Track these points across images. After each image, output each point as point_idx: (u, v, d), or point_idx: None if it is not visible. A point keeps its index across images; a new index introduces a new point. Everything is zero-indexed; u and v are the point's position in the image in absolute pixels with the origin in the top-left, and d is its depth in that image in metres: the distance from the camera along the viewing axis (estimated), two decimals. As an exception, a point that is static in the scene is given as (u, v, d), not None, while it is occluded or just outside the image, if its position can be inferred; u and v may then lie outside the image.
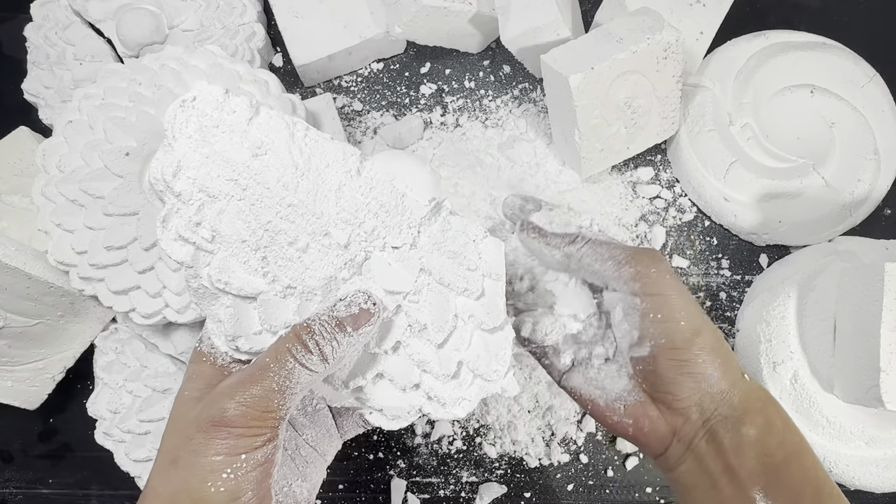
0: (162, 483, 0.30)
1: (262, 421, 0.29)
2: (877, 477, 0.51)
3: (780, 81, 0.59)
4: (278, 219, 0.29)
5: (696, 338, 0.37)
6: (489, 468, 0.57)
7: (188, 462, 0.29)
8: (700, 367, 0.36)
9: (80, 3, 0.59)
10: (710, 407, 0.36)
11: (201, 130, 0.28)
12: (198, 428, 0.30)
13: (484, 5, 0.58)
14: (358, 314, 0.31)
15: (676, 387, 0.37)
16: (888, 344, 0.45)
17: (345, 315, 0.30)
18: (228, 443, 0.29)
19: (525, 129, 0.63)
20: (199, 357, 0.33)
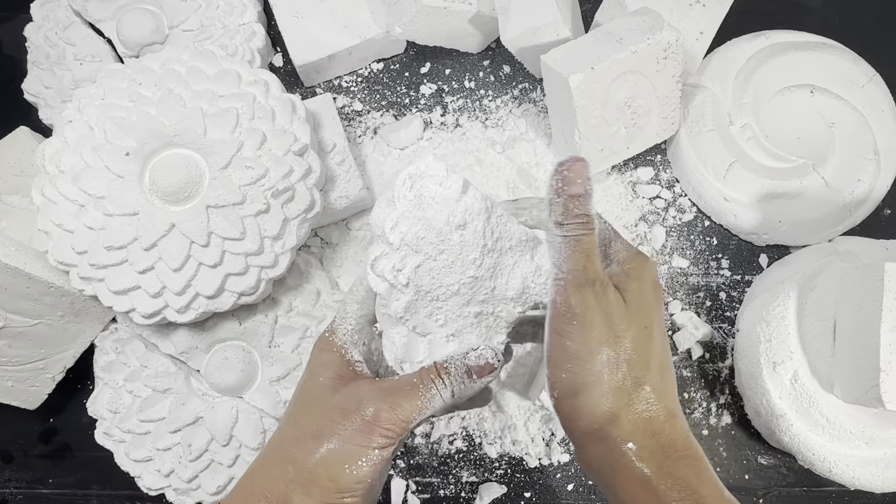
0: (301, 452, 0.35)
1: (400, 428, 0.35)
2: (877, 477, 0.51)
3: (780, 81, 0.59)
4: (460, 284, 0.36)
5: (571, 397, 0.34)
6: (489, 468, 0.57)
7: (333, 442, 0.34)
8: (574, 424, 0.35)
9: (80, 3, 0.59)
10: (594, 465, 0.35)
11: (420, 198, 0.35)
12: (345, 416, 0.35)
13: (484, 5, 0.58)
14: (483, 366, 0.36)
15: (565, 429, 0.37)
16: (888, 344, 0.45)
17: (474, 365, 0.36)
18: (371, 438, 0.34)
19: (525, 129, 0.63)
20: (329, 346, 0.38)
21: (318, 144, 0.55)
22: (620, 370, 0.34)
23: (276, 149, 0.48)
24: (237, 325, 0.52)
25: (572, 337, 0.34)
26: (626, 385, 0.34)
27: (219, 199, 0.47)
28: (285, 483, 0.34)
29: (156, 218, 0.46)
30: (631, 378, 0.34)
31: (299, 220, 0.49)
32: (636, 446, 0.33)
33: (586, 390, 0.34)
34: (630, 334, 0.35)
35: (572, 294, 0.35)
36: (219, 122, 0.48)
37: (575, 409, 0.34)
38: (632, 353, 0.34)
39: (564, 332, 0.35)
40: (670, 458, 0.33)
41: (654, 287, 0.37)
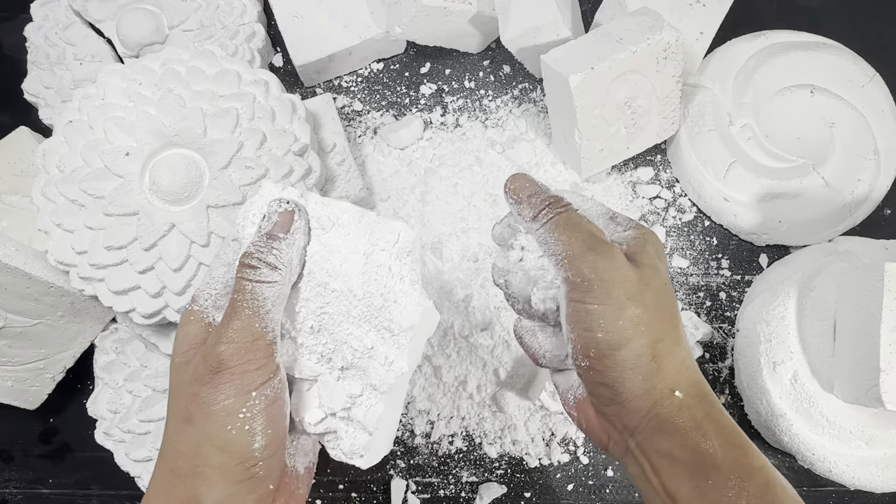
0: (182, 441, 0.31)
1: (255, 350, 0.31)
2: (877, 477, 0.51)
3: (780, 81, 0.59)
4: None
5: (611, 352, 0.34)
6: (489, 468, 0.57)
7: (202, 414, 0.31)
8: (614, 382, 0.34)
9: (80, 3, 0.59)
10: (632, 423, 0.35)
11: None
12: (201, 382, 0.31)
13: (484, 5, 0.58)
14: (281, 220, 0.34)
15: (595, 393, 0.36)
16: (888, 344, 0.45)
17: (270, 227, 0.33)
18: (234, 383, 0.31)
19: (525, 129, 0.63)
20: (188, 318, 0.34)
21: (318, 144, 0.55)
22: (656, 321, 0.34)
23: (276, 149, 0.48)
24: (237, 325, 0.52)
25: (596, 299, 0.34)
26: (665, 336, 0.34)
27: (219, 199, 0.47)
28: (183, 484, 0.31)
29: (156, 218, 0.46)
30: (668, 329, 0.35)
31: (299, 220, 0.49)
32: (682, 394, 0.34)
33: (629, 343, 0.34)
34: (652, 290, 0.35)
35: (580, 264, 0.35)
36: (219, 122, 0.48)
37: (619, 362, 0.34)
38: (659, 305, 0.35)
39: (587, 298, 0.34)
40: (714, 405, 0.34)
41: (662, 254, 0.37)
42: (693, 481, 0.33)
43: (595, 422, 0.37)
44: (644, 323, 0.34)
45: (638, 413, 0.34)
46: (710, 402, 0.35)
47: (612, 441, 0.37)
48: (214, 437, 0.31)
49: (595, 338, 0.34)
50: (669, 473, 0.34)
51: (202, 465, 0.31)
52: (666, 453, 0.34)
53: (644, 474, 0.35)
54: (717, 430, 0.33)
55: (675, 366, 0.35)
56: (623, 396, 0.34)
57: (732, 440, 0.33)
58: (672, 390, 0.34)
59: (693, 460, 0.33)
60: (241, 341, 0.31)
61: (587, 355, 0.35)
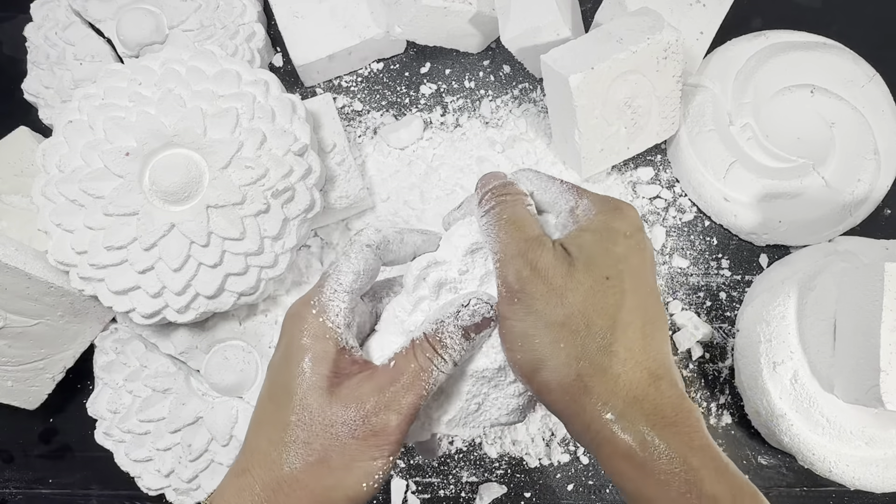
0: (313, 479, 0.31)
1: (408, 425, 0.32)
2: (877, 477, 0.51)
3: (780, 81, 0.59)
4: None
5: (533, 374, 0.32)
6: (489, 468, 0.57)
7: (345, 465, 0.31)
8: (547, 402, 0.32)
9: (80, 3, 0.59)
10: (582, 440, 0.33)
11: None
12: (354, 435, 0.31)
13: (484, 5, 0.58)
14: (480, 322, 0.33)
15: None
16: (888, 344, 0.45)
17: (469, 324, 0.33)
18: (387, 448, 0.32)
19: (525, 129, 0.63)
20: (321, 332, 0.32)
21: (318, 144, 0.55)
22: (579, 334, 0.31)
23: (276, 149, 0.48)
24: (237, 325, 0.52)
25: (517, 315, 0.32)
26: (590, 348, 0.31)
27: (219, 199, 0.47)
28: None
29: (156, 218, 0.46)
30: (595, 339, 0.31)
31: (299, 220, 0.49)
32: (615, 416, 0.30)
33: (546, 363, 0.31)
34: (580, 292, 0.31)
35: (507, 270, 0.32)
36: (219, 122, 0.48)
37: (543, 384, 0.31)
38: (588, 311, 0.31)
39: (509, 312, 0.32)
40: (656, 427, 0.30)
41: (626, 237, 0.33)
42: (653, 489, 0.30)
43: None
44: (564, 338, 0.31)
45: (580, 433, 0.32)
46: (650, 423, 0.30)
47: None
48: (349, 488, 0.31)
49: (515, 358, 0.32)
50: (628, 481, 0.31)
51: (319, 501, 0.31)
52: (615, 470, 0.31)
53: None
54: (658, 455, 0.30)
55: (608, 383, 0.30)
56: (562, 416, 0.32)
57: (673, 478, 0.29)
58: (603, 410, 0.30)
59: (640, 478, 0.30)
60: (407, 417, 0.32)
61: (517, 373, 0.33)
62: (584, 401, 0.31)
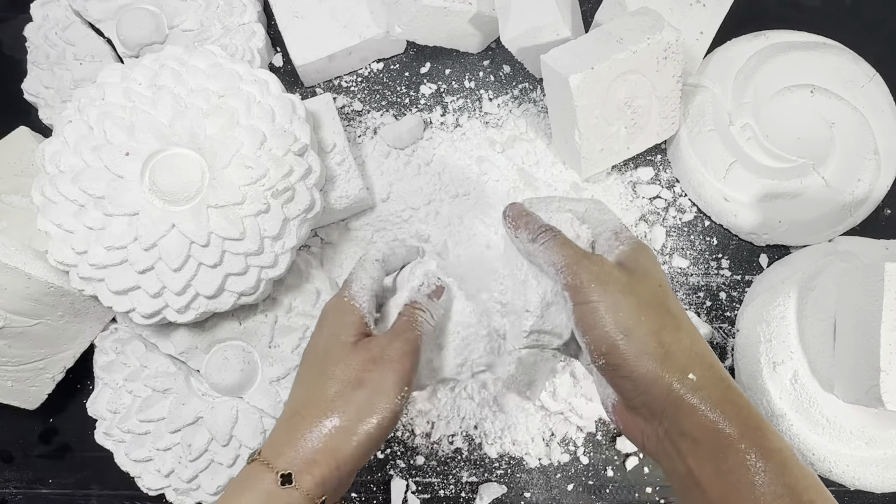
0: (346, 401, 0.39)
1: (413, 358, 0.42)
2: (877, 477, 0.51)
3: (780, 81, 0.59)
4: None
5: (620, 342, 0.36)
6: (489, 468, 0.57)
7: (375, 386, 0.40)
8: (630, 371, 0.36)
9: (80, 3, 0.59)
10: (657, 408, 0.36)
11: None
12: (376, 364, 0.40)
13: (484, 5, 0.58)
14: (436, 289, 0.46)
15: (621, 390, 0.38)
16: (888, 344, 0.45)
17: (428, 291, 0.45)
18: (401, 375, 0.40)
19: (525, 129, 0.63)
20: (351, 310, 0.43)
21: (318, 144, 0.55)
22: (654, 313, 0.37)
23: (276, 149, 0.48)
24: (237, 325, 0.52)
25: (596, 297, 0.37)
26: (668, 324, 0.37)
27: (219, 199, 0.47)
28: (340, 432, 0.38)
29: (156, 218, 0.46)
30: (667, 319, 0.37)
31: (299, 220, 0.49)
32: (696, 376, 0.35)
33: (631, 333, 0.36)
34: (647, 289, 0.38)
35: (577, 268, 0.38)
36: (218, 122, 0.48)
37: (627, 353, 0.36)
38: (656, 301, 0.38)
39: (587, 297, 0.38)
40: (731, 388, 0.36)
41: (655, 263, 0.40)
42: (713, 462, 0.34)
43: (630, 421, 0.39)
44: (643, 313, 0.37)
45: (659, 398, 0.36)
46: (725, 384, 0.36)
47: (645, 437, 0.38)
48: (375, 406, 0.39)
49: (603, 332, 0.37)
50: (693, 456, 0.35)
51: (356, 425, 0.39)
52: (688, 435, 0.35)
53: (673, 465, 0.36)
54: (735, 411, 0.35)
55: (684, 350, 0.36)
56: (643, 384, 0.36)
57: (750, 422, 0.34)
58: (685, 373, 0.35)
59: (712, 441, 0.34)
60: (409, 348, 0.41)
61: (601, 353, 0.37)
62: (666, 365, 0.36)
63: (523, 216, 0.43)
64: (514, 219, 0.43)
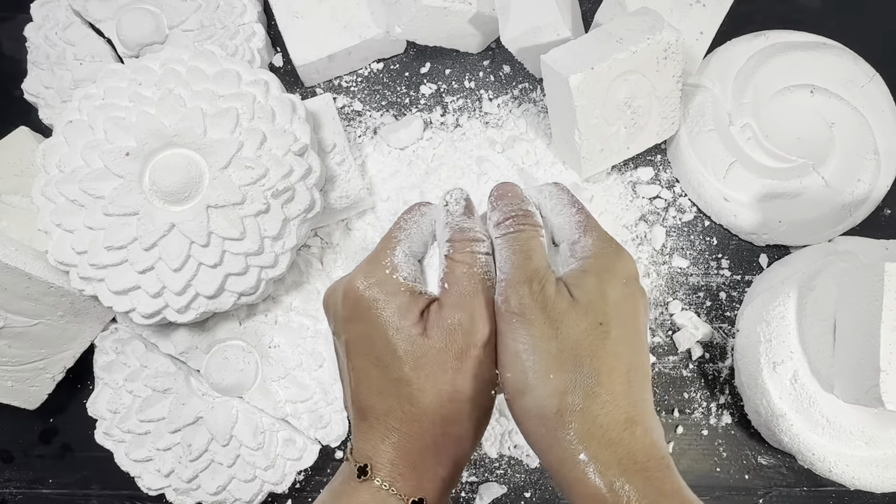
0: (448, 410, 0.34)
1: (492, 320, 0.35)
2: (877, 477, 0.51)
3: (780, 81, 0.59)
4: None
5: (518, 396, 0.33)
6: (489, 468, 0.57)
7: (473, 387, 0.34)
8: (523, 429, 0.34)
9: (80, 3, 0.59)
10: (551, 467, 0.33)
11: None
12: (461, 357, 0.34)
13: (484, 5, 0.58)
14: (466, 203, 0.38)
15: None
16: (888, 344, 0.45)
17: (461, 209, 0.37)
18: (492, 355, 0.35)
19: (525, 129, 0.63)
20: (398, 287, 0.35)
21: (318, 144, 0.55)
22: (568, 370, 0.32)
23: (276, 149, 0.48)
24: (237, 325, 0.52)
25: (514, 335, 0.33)
26: (576, 386, 0.32)
27: (219, 199, 0.47)
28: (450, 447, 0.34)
29: (156, 218, 0.46)
30: (582, 379, 0.32)
31: (299, 220, 0.49)
32: (588, 457, 0.31)
33: (532, 390, 0.32)
34: (576, 332, 0.32)
35: (511, 293, 0.34)
36: (219, 122, 0.48)
37: (524, 410, 0.33)
38: (579, 351, 0.32)
39: (506, 330, 0.34)
40: (628, 472, 0.31)
41: (623, 285, 0.34)
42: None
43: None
44: (554, 370, 0.32)
45: (551, 466, 0.33)
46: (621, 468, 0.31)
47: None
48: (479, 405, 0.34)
49: (505, 377, 0.34)
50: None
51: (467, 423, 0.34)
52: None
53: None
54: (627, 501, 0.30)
55: (586, 423, 0.31)
56: (535, 448, 0.33)
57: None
58: (577, 451, 0.31)
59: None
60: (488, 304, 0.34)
61: (504, 392, 0.34)
62: (560, 435, 0.32)
63: (507, 193, 0.37)
64: (498, 196, 0.37)
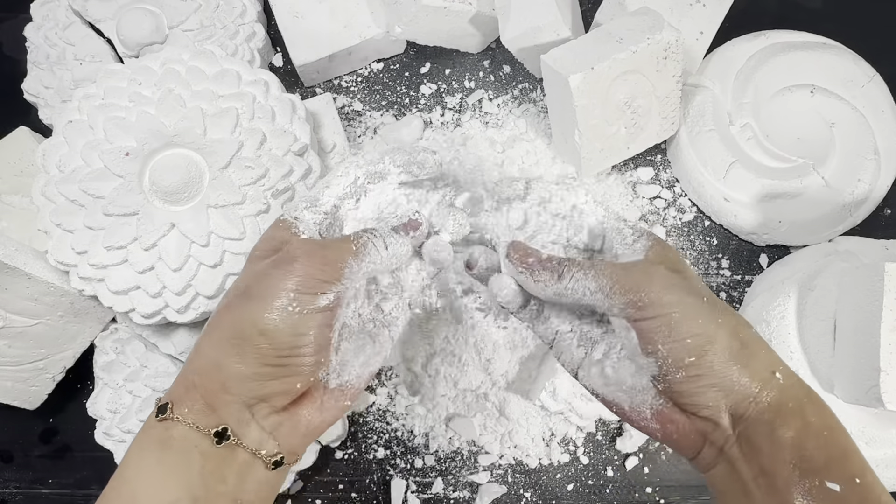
0: (229, 313, 0.35)
1: (334, 268, 0.36)
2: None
3: (780, 81, 0.59)
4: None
5: (707, 348, 0.34)
6: (489, 468, 0.57)
7: (258, 292, 0.34)
8: (718, 377, 0.34)
9: (80, 3, 0.59)
10: (740, 411, 0.34)
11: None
12: (274, 265, 0.35)
13: (484, 5, 0.58)
14: (408, 223, 0.41)
15: (699, 398, 0.35)
16: (888, 344, 0.45)
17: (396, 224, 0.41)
18: (298, 279, 0.34)
19: (525, 129, 0.63)
20: (279, 224, 0.38)
21: (318, 144, 0.55)
22: (723, 310, 0.35)
23: (276, 149, 0.48)
24: (237, 325, 0.52)
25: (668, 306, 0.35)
26: (739, 325, 0.35)
27: (219, 199, 0.47)
28: (216, 350, 0.34)
29: (156, 218, 0.46)
30: (731, 314, 0.36)
31: (299, 220, 0.49)
32: (783, 375, 0.34)
33: (715, 338, 0.34)
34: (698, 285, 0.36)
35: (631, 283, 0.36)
36: (219, 122, 0.48)
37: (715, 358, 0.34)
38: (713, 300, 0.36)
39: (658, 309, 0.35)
40: (811, 390, 0.35)
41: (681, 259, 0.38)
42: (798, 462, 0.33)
43: (688, 428, 0.36)
44: (718, 315, 0.35)
45: (746, 400, 0.34)
46: (805, 386, 0.35)
47: (707, 443, 0.36)
48: (256, 319, 0.34)
49: (685, 344, 0.34)
50: (772, 456, 0.33)
51: (239, 338, 0.34)
52: (771, 435, 0.34)
53: (735, 470, 0.35)
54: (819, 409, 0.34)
55: (764, 348, 0.35)
56: (731, 388, 0.34)
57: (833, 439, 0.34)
58: (772, 372, 0.35)
59: (798, 440, 0.33)
60: (331, 256, 0.36)
61: (681, 366, 0.35)
62: (753, 366, 0.34)
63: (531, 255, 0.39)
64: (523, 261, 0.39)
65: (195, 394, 0.34)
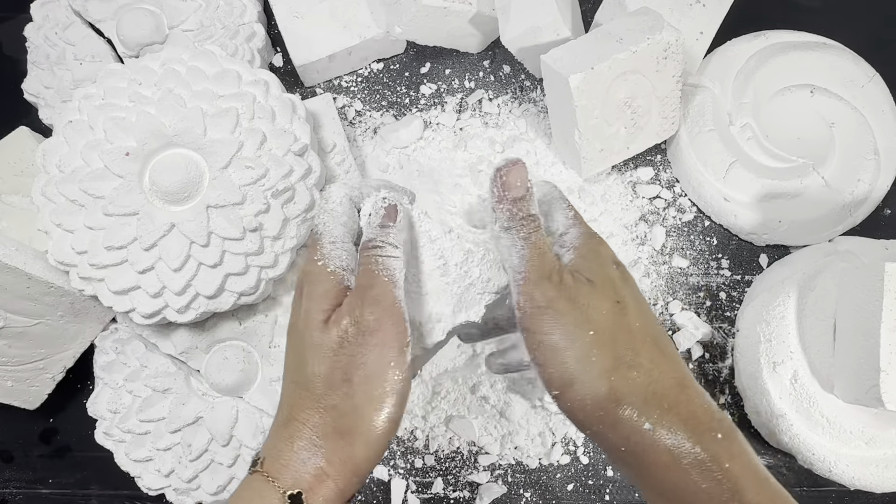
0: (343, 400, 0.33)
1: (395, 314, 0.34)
2: (877, 477, 0.51)
3: (780, 81, 0.59)
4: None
5: (566, 388, 0.33)
6: (489, 468, 0.57)
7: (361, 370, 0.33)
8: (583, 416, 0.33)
9: (80, 3, 0.59)
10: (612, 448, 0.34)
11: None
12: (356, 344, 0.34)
13: (484, 5, 0.58)
14: (387, 212, 0.37)
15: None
16: (888, 344, 0.45)
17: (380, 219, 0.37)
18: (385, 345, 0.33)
19: (525, 129, 0.63)
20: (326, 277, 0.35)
21: (318, 144, 0.55)
22: (608, 348, 0.33)
23: (276, 149, 0.48)
24: (237, 325, 0.52)
25: (546, 330, 0.34)
26: (620, 363, 0.33)
27: (219, 199, 0.47)
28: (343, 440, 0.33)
29: (156, 218, 0.46)
30: (622, 354, 0.33)
31: (299, 220, 0.49)
32: (653, 425, 0.31)
33: (579, 377, 0.33)
34: (602, 312, 0.34)
35: (533, 289, 0.34)
36: (219, 122, 0.48)
37: (577, 399, 0.33)
38: (613, 328, 0.33)
39: (537, 327, 0.34)
40: (695, 433, 0.31)
41: (617, 264, 0.36)
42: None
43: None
44: (594, 352, 0.33)
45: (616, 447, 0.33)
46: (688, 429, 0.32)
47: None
48: (373, 396, 0.33)
49: (548, 374, 0.34)
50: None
51: (361, 424, 0.33)
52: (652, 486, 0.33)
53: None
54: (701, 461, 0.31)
55: (640, 394, 0.32)
56: (597, 435, 0.33)
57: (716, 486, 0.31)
58: (640, 421, 0.32)
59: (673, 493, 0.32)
60: (386, 307, 0.34)
61: (550, 389, 0.34)
62: (619, 413, 0.32)
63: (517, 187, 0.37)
64: (507, 186, 0.37)
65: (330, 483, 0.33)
